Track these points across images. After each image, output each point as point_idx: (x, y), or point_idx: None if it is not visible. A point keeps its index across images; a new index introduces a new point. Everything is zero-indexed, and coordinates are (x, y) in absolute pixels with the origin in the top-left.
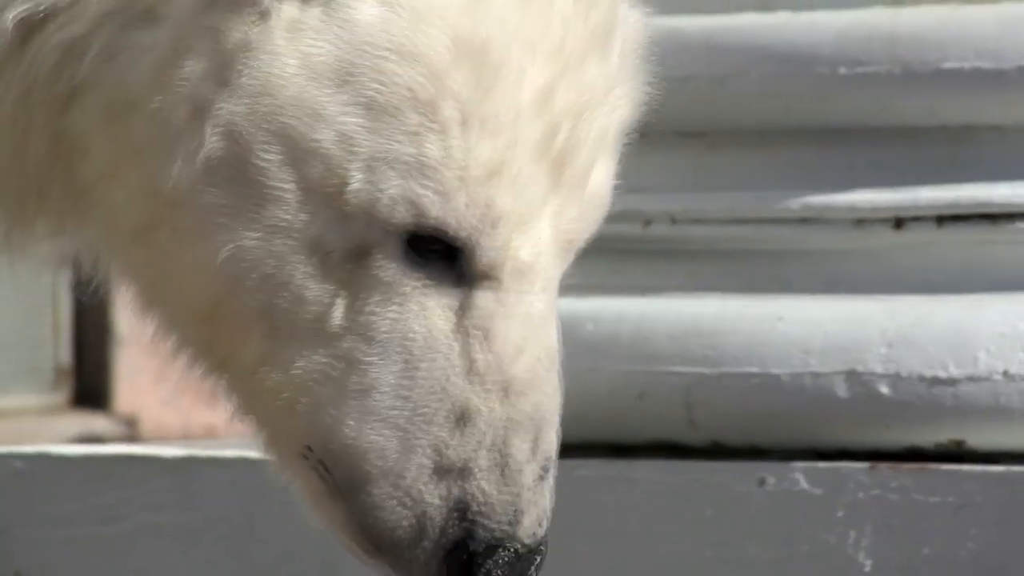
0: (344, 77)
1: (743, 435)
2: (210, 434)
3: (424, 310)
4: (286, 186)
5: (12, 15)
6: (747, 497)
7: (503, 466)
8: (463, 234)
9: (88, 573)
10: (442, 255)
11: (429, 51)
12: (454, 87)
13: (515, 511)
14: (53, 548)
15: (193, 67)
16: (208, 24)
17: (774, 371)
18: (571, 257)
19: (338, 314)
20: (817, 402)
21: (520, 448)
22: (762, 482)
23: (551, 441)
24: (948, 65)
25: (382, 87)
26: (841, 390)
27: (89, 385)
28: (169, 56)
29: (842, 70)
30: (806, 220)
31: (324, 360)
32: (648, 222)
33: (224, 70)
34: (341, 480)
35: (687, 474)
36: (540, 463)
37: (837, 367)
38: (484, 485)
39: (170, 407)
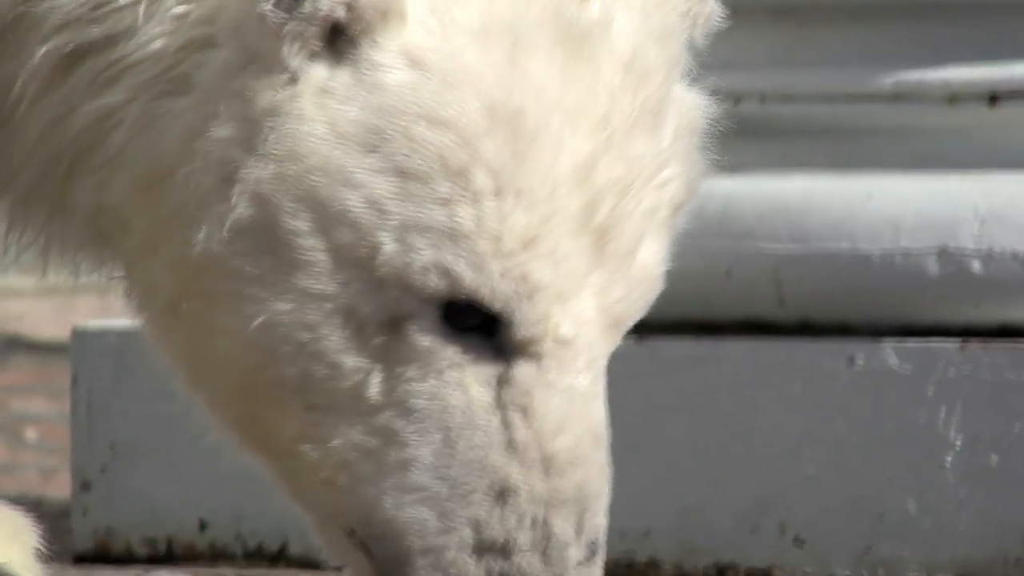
0: (373, 142)
1: (832, 313)
2: None
3: (462, 383)
4: (317, 253)
5: (44, 49)
6: (836, 375)
7: (545, 545)
8: (498, 305)
9: (181, 449)
10: (481, 327)
11: (461, 117)
12: (487, 155)
13: None
14: (147, 423)
15: (221, 132)
16: (237, 88)
17: (864, 248)
18: (619, 338)
19: (375, 386)
20: (907, 280)
21: (563, 527)
22: (851, 360)
23: (598, 522)
24: None
25: (412, 153)
26: (932, 268)
27: None
28: (199, 122)
29: None
30: (898, 97)
31: (362, 435)
32: (738, 100)
33: (252, 135)
34: (383, 559)
35: (776, 353)
36: (586, 543)
37: (928, 244)
38: (526, 564)
39: None
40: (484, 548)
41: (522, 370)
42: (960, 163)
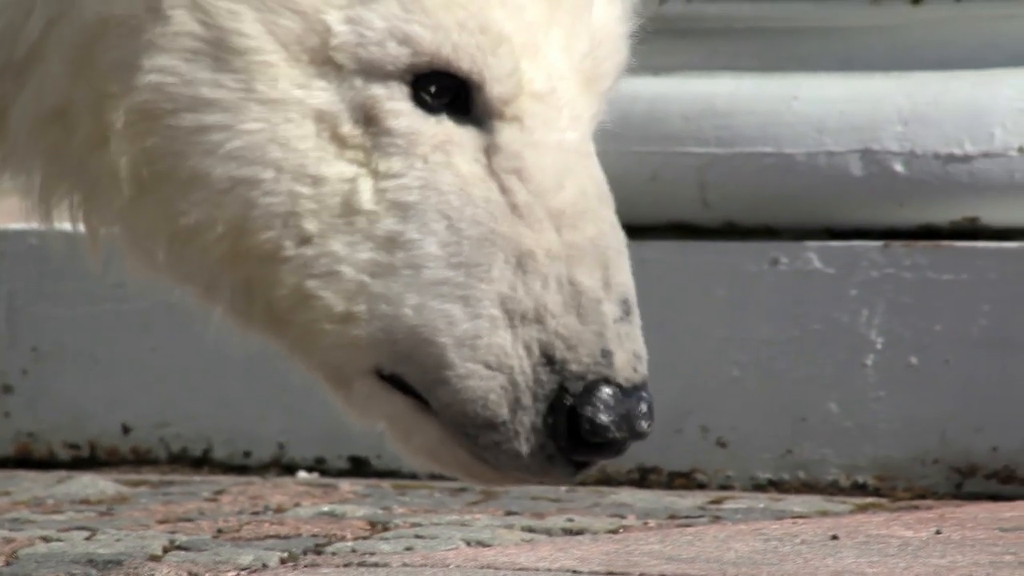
0: None
1: (756, 215)
2: None
3: (450, 163)
4: (269, 53)
5: None
6: (760, 276)
7: (577, 304)
8: (465, 64)
9: (104, 351)
10: (454, 104)
11: None
12: None
13: (603, 349)
14: (69, 325)
15: None
16: None
17: (788, 150)
18: (598, 101)
19: (365, 192)
20: (831, 181)
21: (589, 283)
22: (775, 262)
23: (624, 280)
24: None
25: None
26: (856, 169)
27: None
28: None
29: None
30: None
31: (367, 251)
32: (663, 0)
33: None
34: (421, 379)
35: (700, 254)
36: (617, 302)
37: (852, 146)
38: (562, 326)
39: None
40: (517, 321)
41: (506, 134)
42: (883, 64)
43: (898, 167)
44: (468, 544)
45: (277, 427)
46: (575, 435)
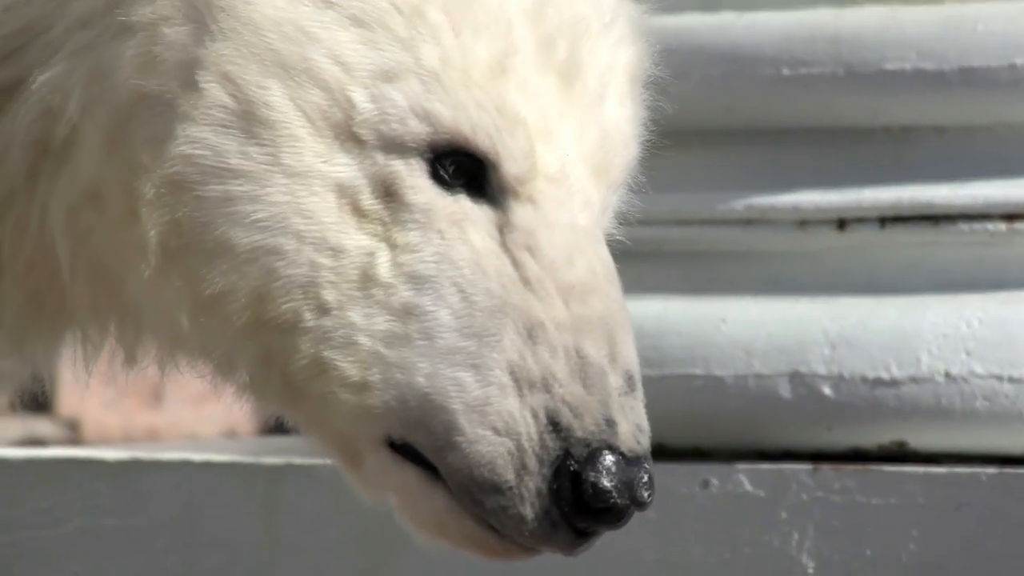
0: None
1: (686, 437)
2: (152, 437)
3: (465, 237)
4: (295, 126)
5: None
6: (691, 499)
7: (584, 373)
8: (483, 141)
9: None
10: (470, 182)
11: None
12: None
13: (607, 418)
14: None
15: (171, 36)
16: None
17: (717, 372)
18: (610, 195)
19: (382, 264)
20: (760, 403)
21: (596, 354)
22: (706, 484)
23: (629, 355)
24: (890, 66)
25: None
26: (784, 391)
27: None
28: (145, 45)
29: (785, 71)
30: (749, 221)
31: (383, 321)
32: None
33: (202, 24)
34: (431, 445)
35: None
36: (622, 375)
37: (780, 368)
38: (569, 394)
39: (112, 410)
40: (525, 388)
41: (520, 213)
42: (811, 287)
43: (826, 390)
44: None
45: None
46: (578, 500)
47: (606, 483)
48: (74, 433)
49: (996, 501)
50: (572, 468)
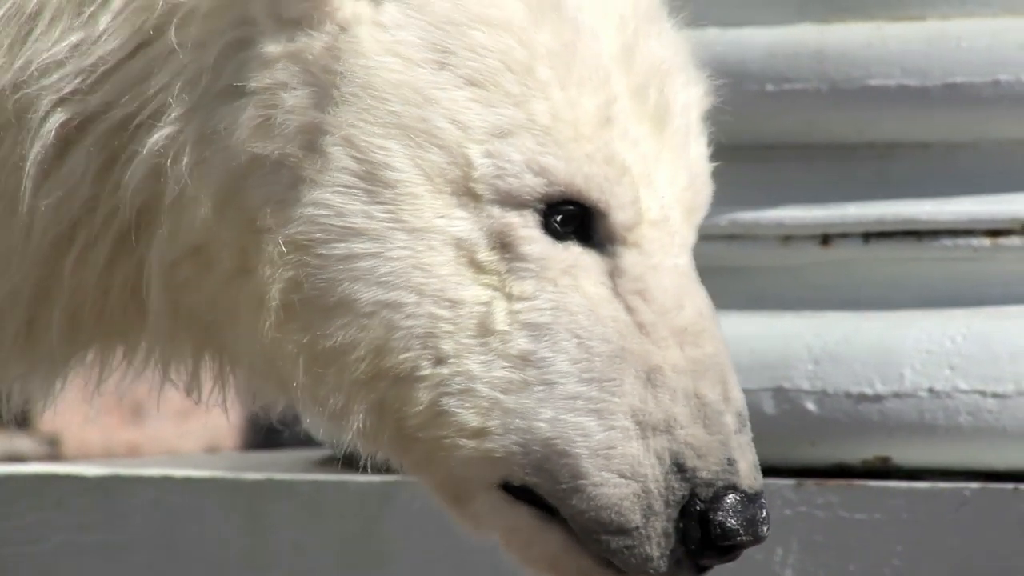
0: (439, 59)
1: None
2: (133, 452)
3: (578, 286)
4: (415, 185)
5: (55, 120)
6: None
7: (703, 415)
8: (594, 193)
9: None
10: (579, 231)
11: (510, 16)
12: (543, 49)
13: (728, 458)
14: None
15: (291, 101)
16: (292, 54)
17: None
18: (693, 233)
19: (499, 313)
20: None
21: (712, 396)
22: None
23: (739, 395)
24: (874, 82)
25: (477, 60)
26: (768, 407)
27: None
28: (263, 109)
29: (769, 87)
30: (733, 236)
31: (501, 369)
32: None
33: (322, 90)
34: (553, 489)
35: None
36: (734, 414)
37: (764, 384)
38: (691, 436)
39: (93, 426)
40: (648, 433)
41: (628, 259)
42: (794, 303)
43: (810, 405)
44: None
45: None
46: (705, 539)
47: (733, 523)
48: (54, 449)
49: (979, 517)
50: (699, 508)
